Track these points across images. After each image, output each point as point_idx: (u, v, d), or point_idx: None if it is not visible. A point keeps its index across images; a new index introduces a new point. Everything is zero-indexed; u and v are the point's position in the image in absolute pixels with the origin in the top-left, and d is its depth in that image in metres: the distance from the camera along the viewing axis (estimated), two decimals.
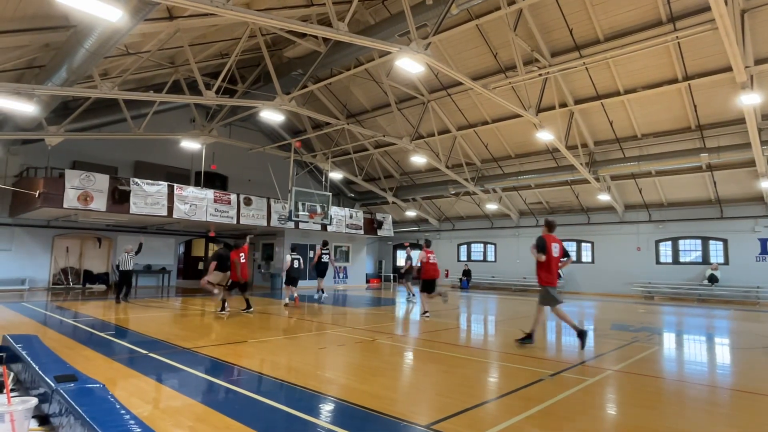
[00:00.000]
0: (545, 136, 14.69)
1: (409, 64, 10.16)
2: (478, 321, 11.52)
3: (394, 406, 4.25)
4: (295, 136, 21.75)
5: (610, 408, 4.55)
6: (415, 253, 13.63)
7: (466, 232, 25.70)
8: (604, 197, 18.58)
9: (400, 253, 28.33)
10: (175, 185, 16.14)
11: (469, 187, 20.49)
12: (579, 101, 15.70)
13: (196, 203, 16.41)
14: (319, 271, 15.06)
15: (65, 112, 14.78)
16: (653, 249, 19.39)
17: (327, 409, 4.20)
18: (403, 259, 19.57)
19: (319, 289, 15.21)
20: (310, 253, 21.36)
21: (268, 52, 14.33)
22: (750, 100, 11.24)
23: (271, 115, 14.89)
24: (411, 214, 25.98)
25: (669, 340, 8.71)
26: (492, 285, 23.62)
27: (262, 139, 22.65)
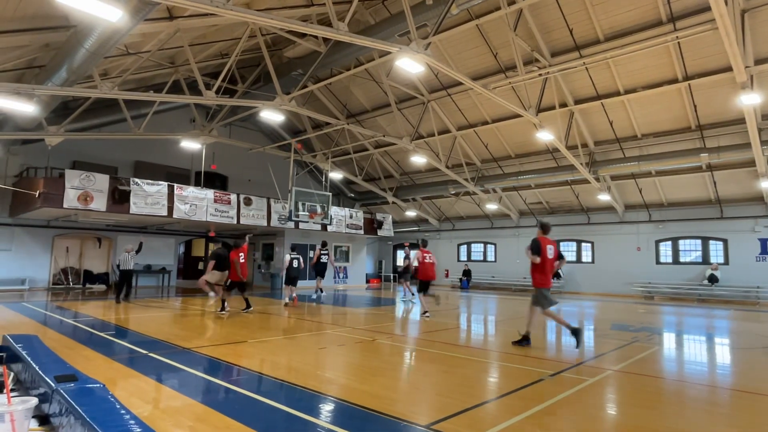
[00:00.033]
0: (545, 136, 14.69)
1: (409, 64, 10.16)
2: (478, 321, 11.52)
3: (394, 406, 4.25)
4: (295, 136, 21.75)
5: (610, 408, 4.55)
6: (414, 253, 13.67)
7: (466, 232, 25.70)
8: (604, 197, 18.58)
9: (401, 253, 28.33)
10: (175, 185, 16.15)
11: (469, 187, 20.49)
12: (579, 101, 15.70)
13: (196, 203, 16.42)
14: (318, 271, 15.38)
15: (65, 112, 14.79)
16: (653, 249, 19.40)
17: (327, 409, 4.20)
18: (403, 259, 19.60)
19: (318, 288, 15.41)
20: (310, 253, 21.36)
21: (268, 52, 14.33)
22: (750, 100, 11.25)
23: (271, 115, 14.90)
24: (411, 214, 25.99)
25: (669, 340, 8.71)
26: (492, 285, 23.62)
27: (262, 139, 22.65)
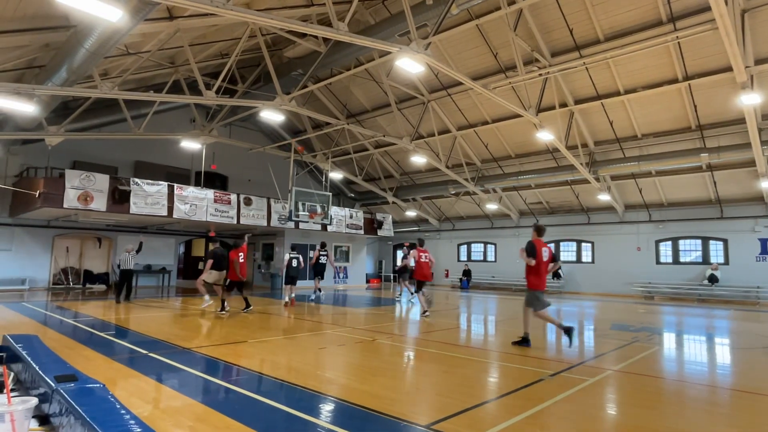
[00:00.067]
0: (545, 136, 14.69)
1: (409, 64, 10.16)
2: (478, 321, 11.52)
3: (394, 406, 4.25)
4: (295, 136, 21.75)
5: (610, 408, 4.55)
6: (411, 253, 13.74)
7: (466, 232, 25.70)
8: (604, 197, 18.58)
9: (401, 254, 28.30)
10: (175, 185, 16.15)
11: (469, 187, 20.49)
12: (579, 101, 15.70)
13: (196, 203, 16.42)
14: (317, 272, 15.47)
15: (65, 112, 14.78)
16: (653, 249, 19.39)
17: (327, 409, 4.20)
18: (401, 258, 19.65)
19: (317, 289, 15.52)
20: (310, 253, 21.38)
21: (268, 52, 14.33)
22: (750, 100, 11.25)
23: (271, 115, 14.91)
24: (411, 214, 25.98)
25: (669, 340, 8.71)
26: (492, 285, 23.61)
27: (262, 139, 22.65)
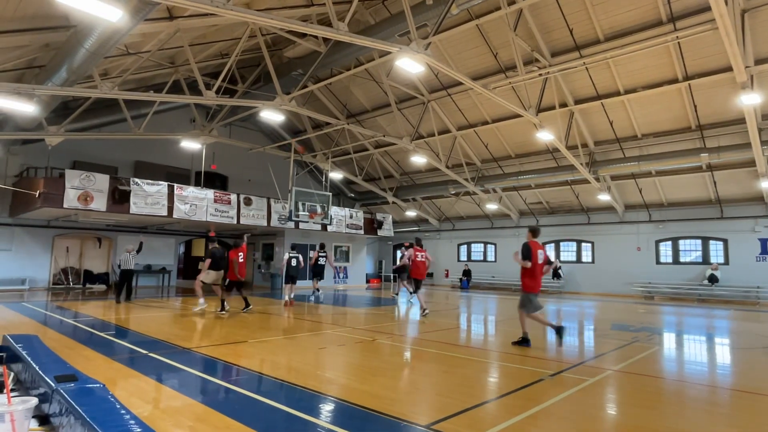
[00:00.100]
0: (545, 136, 14.69)
1: (409, 64, 10.16)
2: (478, 321, 11.51)
3: (394, 406, 4.25)
4: (295, 136, 21.75)
5: (610, 408, 4.55)
6: (408, 252, 13.85)
7: (466, 232, 25.69)
8: (604, 197, 18.58)
9: (400, 254, 28.32)
10: (175, 185, 16.14)
11: (469, 187, 20.48)
12: (579, 101, 15.69)
13: (196, 203, 16.42)
14: (315, 273, 15.60)
15: (65, 112, 14.78)
16: (653, 249, 19.39)
17: (327, 409, 4.20)
18: (399, 258, 19.72)
19: (315, 289, 15.61)
20: (310, 254, 21.40)
21: (268, 52, 14.33)
22: (750, 100, 11.24)
23: (271, 115, 14.90)
24: (411, 214, 25.98)
25: (669, 340, 8.71)
26: (492, 285, 23.60)
27: (262, 139, 22.65)
